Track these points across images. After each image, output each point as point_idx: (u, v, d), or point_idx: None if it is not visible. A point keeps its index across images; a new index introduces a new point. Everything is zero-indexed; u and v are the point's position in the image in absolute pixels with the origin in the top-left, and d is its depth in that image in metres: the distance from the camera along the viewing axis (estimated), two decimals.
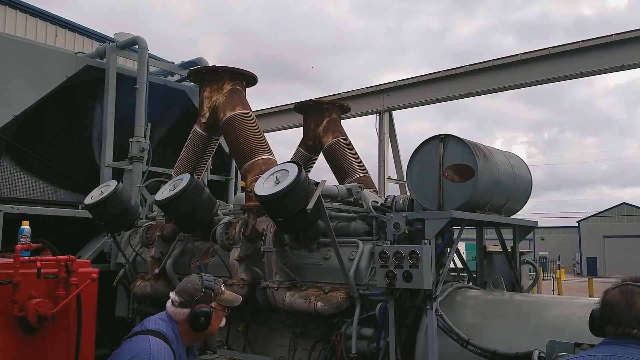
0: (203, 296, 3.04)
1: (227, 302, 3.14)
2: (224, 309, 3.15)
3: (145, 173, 6.51)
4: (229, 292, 3.23)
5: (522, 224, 4.68)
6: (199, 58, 7.58)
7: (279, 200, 3.86)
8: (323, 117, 6.48)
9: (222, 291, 3.15)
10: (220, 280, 3.25)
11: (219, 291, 3.13)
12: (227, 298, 3.16)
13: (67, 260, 3.72)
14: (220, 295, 3.12)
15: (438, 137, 3.98)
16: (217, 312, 3.08)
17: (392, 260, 3.63)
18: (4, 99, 6.00)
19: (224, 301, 3.13)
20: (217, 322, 3.10)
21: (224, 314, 3.16)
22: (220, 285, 3.17)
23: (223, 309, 3.14)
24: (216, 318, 3.08)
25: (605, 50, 12.27)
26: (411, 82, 15.30)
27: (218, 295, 3.11)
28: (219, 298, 3.11)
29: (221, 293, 3.14)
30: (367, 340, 3.92)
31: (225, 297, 3.15)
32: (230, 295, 3.22)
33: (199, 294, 3.03)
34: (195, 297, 3.03)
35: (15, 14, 13.46)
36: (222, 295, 3.14)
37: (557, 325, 3.43)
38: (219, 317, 3.11)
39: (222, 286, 3.18)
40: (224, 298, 3.14)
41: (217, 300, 3.09)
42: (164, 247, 5.28)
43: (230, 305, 3.16)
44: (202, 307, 3.00)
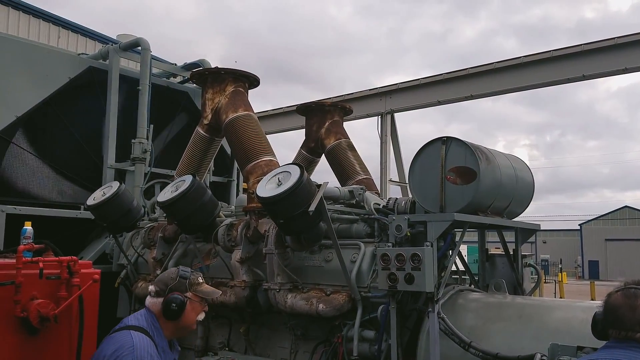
0: (177, 284, 3.04)
1: (203, 294, 3.10)
2: (202, 302, 3.11)
3: (148, 174, 6.51)
4: (207, 285, 3.19)
5: (524, 226, 4.68)
6: (202, 60, 7.59)
7: (281, 202, 3.85)
8: (325, 119, 6.47)
9: (198, 282, 3.12)
10: (199, 273, 3.23)
11: (195, 281, 3.10)
12: (203, 289, 3.12)
13: (69, 261, 3.74)
14: (196, 286, 3.09)
15: (440, 139, 3.98)
16: (193, 304, 3.04)
17: (394, 263, 3.62)
18: (7, 100, 6.01)
19: (200, 292, 3.09)
20: (192, 313, 3.05)
21: (201, 306, 3.11)
22: (197, 277, 3.15)
23: (200, 301, 3.10)
24: (192, 309, 3.04)
25: (608, 53, 12.28)
26: (413, 84, 15.32)
27: (194, 286, 3.08)
28: (195, 289, 3.08)
29: (197, 284, 3.10)
30: (369, 343, 3.91)
31: (201, 288, 3.12)
32: (208, 288, 3.18)
33: (172, 282, 3.04)
34: (169, 285, 3.04)
35: (19, 15, 13.50)
36: (199, 286, 3.11)
37: (559, 328, 3.43)
38: (195, 309, 3.07)
39: (199, 278, 3.15)
40: (200, 289, 3.10)
41: (192, 290, 3.06)
42: (166, 249, 5.29)
43: (206, 297, 3.12)
44: (174, 294, 2.99)
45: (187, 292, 3.04)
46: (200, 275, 3.19)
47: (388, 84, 15.90)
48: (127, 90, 6.80)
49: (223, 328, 5.04)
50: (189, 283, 3.06)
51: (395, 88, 15.62)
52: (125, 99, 6.80)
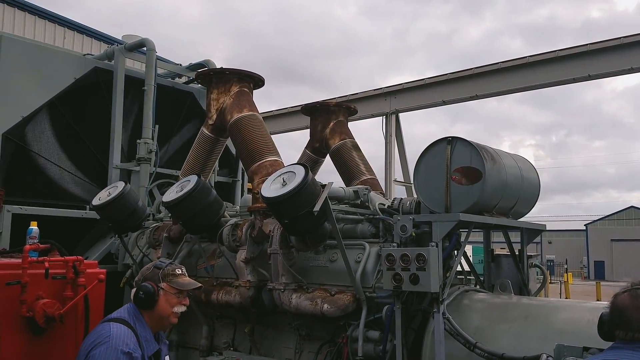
0: (150, 274, 3.06)
1: (177, 285, 3.07)
2: (178, 294, 3.08)
3: (153, 174, 6.53)
4: (185, 277, 3.16)
5: (530, 227, 4.66)
6: (207, 60, 7.60)
7: (286, 202, 3.85)
8: (330, 119, 6.48)
9: (174, 273, 3.09)
10: (181, 266, 3.21)
11: (169, 272, 3.07)
12: (178, 280, 3.09)
13: (75, 261, 3.74)
14: (171, 276, 3.07)
15: (445, 139, 3.97)
16: (167, 295, 3.03)
17: (399, 263, 3.62)
18: (13, 101, 6.03)
19: (175, 283, 3.06)
20: (166, 305, 3.03)
21: (178, 299, 3.07)
22: (174, 268, 3.12)
23: (177, 293, 3.07)
24: (166, 301, 3.02)
25: (614, 53, 12.22)
26: (418, 84, 15.29)
27: (168, 277, 3.06)
28: (170, 279, 3.06)
29: (173, 275, 3.08)
30: (374, 343, 3.91)
31: (177, 279, 3.08)
32: (185, 279, 3.14)
33: (147, 272, 3.08)
34: (144, 274, 3.08)
35: (24, 16, 13.56)
36: (175, 277, 3.08)
37: (565, 329, 3.41)
38: (170, 301, 3.04)
39: (177, 270, 3.12)
40: (175, 280, 3.07)
41: (167, 281, 3.05)
42: (171, 249, 5.30)
43: (180, 288, 3.08)
44: (145, 284, 3.01)
45: (160, 282, 3.03)
46: (179, 267, 3.17)
47: (393, 84, 15.89)
48: (132, 90, 6.82)
49: (228, 328, 5.05)
50: (163, 273, 3.06)
51: (400, 88, 15.59)
52: (130, 99, 6.81)
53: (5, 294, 3.40)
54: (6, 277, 3.44)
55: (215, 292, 4.75)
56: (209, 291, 4.82)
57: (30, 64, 6.18)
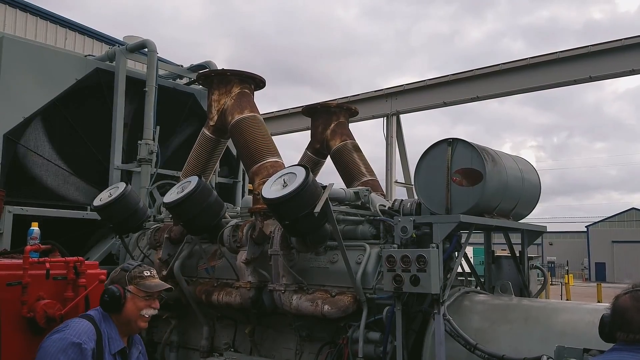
0: (117, 277, 2.99)
1: (145, 287, 2.96)
2: (147, 297, 2.97)
3: (154, 175, 6.53)
4: (153, 280, 3.04)
5: (531, 228, 4.66)
6: (208, 61, 7.61)
7: (287, 203, 3.86)
8: (331, 120, 6.48)
9: (142, 276, 2.98)
10: (150, 267, 3.10)
11: (137, 274, 2.97)
12: (145, 283, 2.98)
13: (75, 261, 3.75)
14: (138, 279, 2.97)
15: (446, 140, 3.98)
16: (134, 298, 2.93)
17: (399, 264, 3.62)
18: (14, 101, 6.04)
19: (142, 286, 2.96)
20: (134, 308, 2.93)
21: (146, 302, 2.97)
22: (143, 271, 3.02)
23: (145, 296, 2.96)
24: (133, 304, 2.93)
25: (615, 54, 12.23)
26: (419, 85, 15.30)
27: (135, 279, 2.96)
28: (137, 282, 2.96)
29: (140, 277, 2.97)
30: (374, 344, 3.91)
31: (144, 282, 2.97)
32: (153, 281, 3.03)
33: (114, 275, 3.00)
34: (112, 278, 3.01)
35: (26, 17, 13.59)
36: (142, 280, 2.97)
37: (566, 330, 3.42)
38: (137, 304, 2.94)
39: (146, 272, 3.02)
40: (142, 283, 2.97)
41: (134, 283, 2.95)
42: (172, 249, 5.30)
43: (148, 290, 2.97)
44: (111, 286, 2.93)
45: (127, 285, 2.95)
46: (148, 269, 3.06)
47: (394, 85, 15.90)
48: (133, 91, 6.83)
49: (228, 329, 5.05)
50: (130, 276, 2.97)
51: (401, 89, 15.60)
52: (131, 100, 6.82)
53: (6, 295, 3.40)
54: (7, 277, 3.44)
55: (216, 293, 4.75)
56: (209, 292, 4.82)
57: (31, 65, 6.19)
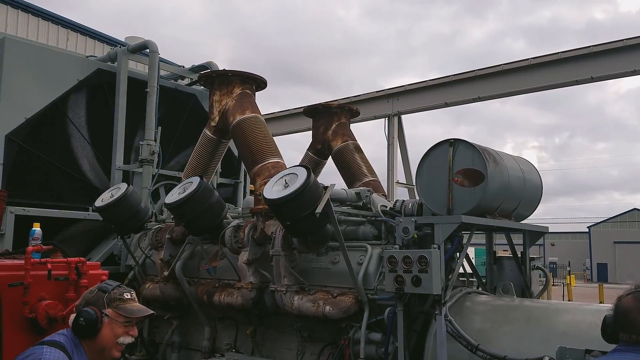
0: (93, 298, 2.67)
1: (125, 312, 2.67)
2: (126, 322, 2.68)
3: (155, 176, 6.54)
4: (134, 304, 2.74)
5: (532, 229, 4.66)
6: (209, 62, 7.61)
7: (288, 204, 3.86)
8: (332, 120, 6.48)
9: (122, 298, 2.69)
10: (130, 289, 2.81)
11: (116, 296, 2.68)
12: (126, 307, 2.68)
13: (77, 262, 3.75)
14: (118, 302, 2.67)
15: (448, 141, 3.98)
16: (111, 322, 2.64)
17: (400, 265, 3.62)
18: (16, 102, 6.05)
19: (122, 310, 2.66)
20: (111, 334, 2.64)
21: (124, 328, 2.67)
22: (123, 292, 2.72)
23: (124, 321, 2.67)
24: (110, 330, 2.63)
25: (617, 55, 12.22)
26: (420, 86, 15.30)
27: (115, 302, 2.66)
28: (116, 305, 2.66)
29: (120, 300, 2.68)
30: (376, 345, 3.91)
31: (125, 305, 2.68)
32: (134, 305, 2.74)
33: (90, 295, 2.69)
34: (86, 298, 2.69)
35: (27, 18, 13.60)
36: (122, 303, 2.68)
37: (567, 331, 3.41)
38: (114, 330, 2.65)
39: (126, 294, 2.73)
40: (123, 306, 2.67)
41: (113, 307, 2.65)
42: (173, 250, 5.30)
43: (129, 315, 2.68)
44: (86, 308, 2.62)
45: (105, 308, 2.65)
46: (128, 291, 2.78)
47: (395, 86, 15.90)
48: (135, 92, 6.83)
49: (230, 330, 5.05)
50: (109, 298, 2.67)
51: (402, 90, 15.61)
52: (133, 101, 6.82)
53: (8, 295, 3.40)
54: (9, 278, 3.44)
55: (218, 294, 4.76)
56: (211, 293, 4.82)
57: (33, 66, 6.20)
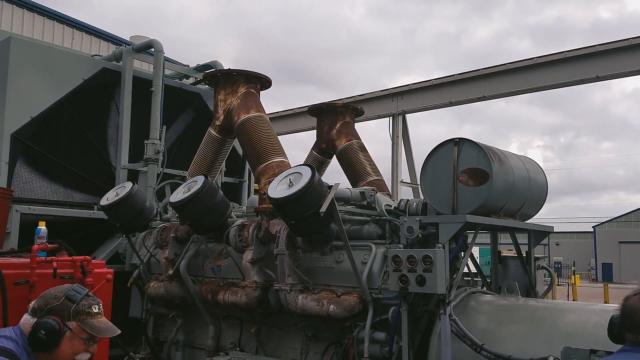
0: (59, 307, 2.33)
1: (92, 329, 2.36)
2: (88, 339, 2.37)
3: (160, 175, 6.55)
4: (102, 319, 2.44)
5: (537, 228, 4.65)
6: (214, 61, 7.63)
7: (292, 203, 3.86)
8: (336, 120, 6.48)
9: (90, 312, 2.38)
10: (99, 300, 2.48)
11: (84, 309, 2.37)
12: (93, 323, 2.38)
13: (82, 260, 3.77)
14: (85, 315, 2.36)
15: (452, 140, 3.97)
16: (74, 337, 2.33)
17: (405, 264, 3.62)
18: (21, 101, 6.07)
19: (89, 326, 2.36)
20: (69, 350, 2.33)
21: (85, 345, 2.36)
22: (92, 305, 2.41)
23: (88, 338, 2.36)
24: (70, 345, 2.32)
25: (622, 54, 12.17)
26: (425, 85, 15.28)
27: (81, 315, 2.35)
28: (83, 319, 2.35)
29: (88, 314, 2.37)
30: (380, 344, 3.91)
31: (92, 320, 2.38)
32: (102, 322, 2.43)
33: (54, 303, 2.34)
34: (50, 305, 2.35)
35: (33, 17, 13.65)
36: (90, 317, 2.37)
37: (572, 331, 3.40)
38: (74, 346, 2.34)
39: (95, 307, 2.41)
40: (90, 321, 2.37)
41: (78, 320, 2.34)
42: (178, 249, 5.31)
43: (95, 333, 2.37)
44: (49, 319, 2.29)
45: (70, 320, 2.33)
46: (97, 303, 2.45)
47: (400, 85, 15.88)
48: (140, 91, 6.85)
49: (234, 328, 5.06)
50: (76, 310, 2.34)
51: (406, 89, 15.59)
52: (138, 100, 6.84)
53: (14, 294, 3.42)
54: (15, 276, 3.46)
55: (222, 293, 4.76)
56: (215, 291, 4.83)
57: (39, 65, 6.22)
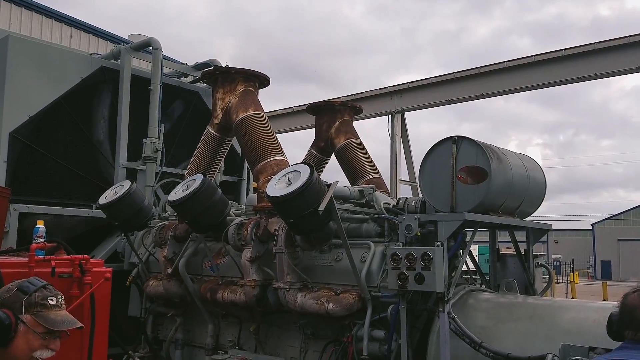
0: (10, 299, 2.17)
1: (46, 321, 2.16)
2: (45, 334, 2.17)
3: (159, 174, 6.55)
4: (59, 312, 2.23)
5: (536, 226, 4.65)
6: (212, 59, 7.62)
7: (291, 202, 3.86)
8: (335, 118, 6.47)
9: (44, 304, 2.19)
10: (57, 292, 2.28)
11: (38, 301, 2.18)
12: (49, 316, 2.18)
13: (81, 259, 3.77)
14: (39, 307, 2.17)
15: (451, 138, 3.97)
16: (28, 332, 2.13)
17: (404, 262, 3.62)
18: (20, 100, 6.07)
19: (43, 318, 2.16)
20: (25, 346, 2.13)
21: (42, 340, 2.16)
22: (48, 297, 2.22)
23: (44, 332, 2.16)
24: (25, 340, 2.13)
25: (621, 51, 12.18)
26: (424, 83, 15.28)
27: (35, 307, 2.17)
28: (37, 312, 2.16)
29: (43, 306, 2.18)
30: (379, 343, 3.91)
31: (46, 313, 2.18)
32: (59, 315, 2.22)
33: (5, 295, 2.20)
34: (1, 298, 2.20)
35: (31, 16, 13.62)
36: (45, 310, 2.18)
37: (571, 328, 3.41)
38: (30, 341, 2.14)
39: (51, 299, 2.22)
40: (45, 314, 2.17)
41: (32, 313, 2.16)
42: (177, 247, 5.31)
43: (50, 326, 2.17)
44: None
45: (22, 313, 2.15)
46: (53, 295, 2.25)
47: (399, 83, 15.88)
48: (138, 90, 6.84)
49: (233, 327, 5.06)
50: (28, 301, 2.16)
51: (405, 87, 15.59)
52: (136, 98, 6.83)
53: None
54: (13, 275, 3.45)
55: (221, 291, 4.76)
56: (214, 290, 4.83)
57: (37, 64, 6.22)
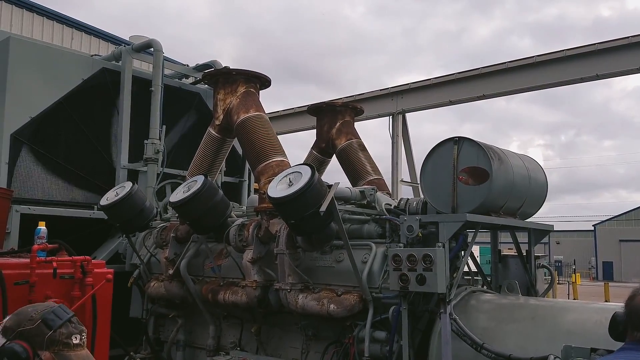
0: (32, 331, 1.93)
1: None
2: None
3: (160, 175, 6.55)
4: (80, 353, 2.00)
5: (538, 227, 4.64)
6: (214, 60, 7.63)
7: (292, 203, 3.86)
8: (336, 119, 6.48)
9: (69, 344, 1.96)
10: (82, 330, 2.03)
11: (61, 338, 1.95)
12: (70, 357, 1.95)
13: (82, 260, 3.77)
14: (61, 346, 1.95)
15: (452, 139, 3.97)
16: None
17: (405, 264, 3.61)
18: (21, 101, 6.08)
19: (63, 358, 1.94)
20: None
21: None
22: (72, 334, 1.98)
23: None
24: None
25: (622, 52, 12.17)
26: (425, 84, 15.27)
27: (57, 345, 1.94)
28: (58, 351, 1.94)
29: (66, 345, 1.96)
30: (380, 344, 3.91)
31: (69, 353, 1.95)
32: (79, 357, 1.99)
33: (27, 326, 1.94)
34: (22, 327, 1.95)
35: (32, 17, 13.64)
36: (67, 349, 1.95)
37: (573, 330, 3.40)
38: None
39: (75, 337, 1.98)
40: (67, 355, 1.95)
41: (53, 351, 1.93)
42: (178, 249, 5.31)
43: None
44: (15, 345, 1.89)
45: (43, 349, 1.92)
46: (80, 332, 2.01)
47: (400, 84, 15.88)
48: (139, 91, 6.84)
49: (235, 328, 5.06)
50: (51, 338, 1.93)
51: (406, 88, 15.58)
52: (137, 99, 6.84)
53: (14, 294, 3.42)
54: (15, 276, 3.46)
55: (222, 292, 4.76)
56: (215, 291, 4.83)
57: (38, 65, 6.23)
